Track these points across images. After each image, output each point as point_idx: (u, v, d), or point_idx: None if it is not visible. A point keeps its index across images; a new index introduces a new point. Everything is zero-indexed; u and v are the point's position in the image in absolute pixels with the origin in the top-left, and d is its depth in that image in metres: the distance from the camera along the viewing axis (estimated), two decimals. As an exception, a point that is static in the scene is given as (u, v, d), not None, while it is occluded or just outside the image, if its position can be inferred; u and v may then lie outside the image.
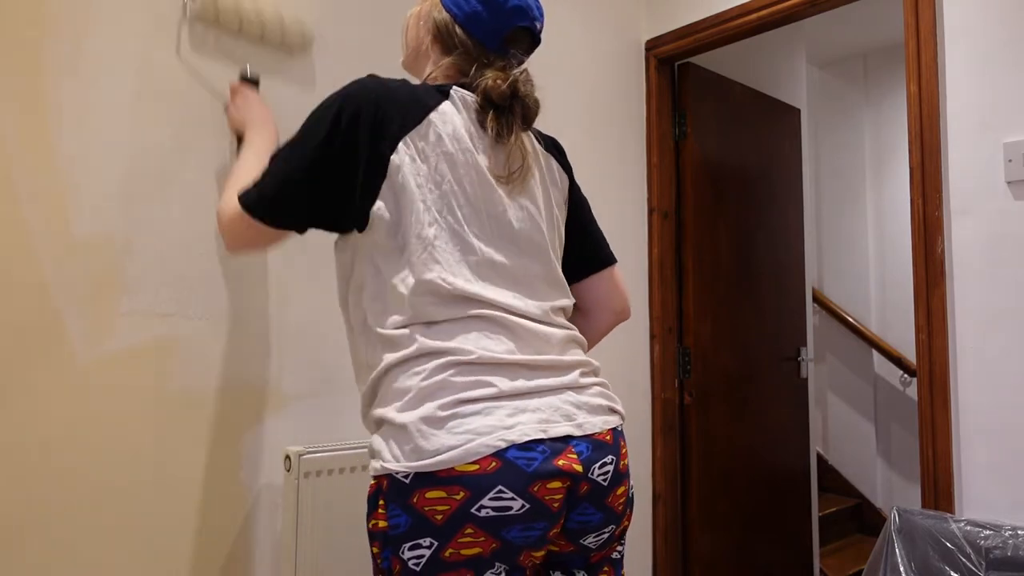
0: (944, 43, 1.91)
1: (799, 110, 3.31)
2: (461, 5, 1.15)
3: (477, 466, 0.95)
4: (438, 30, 1.17)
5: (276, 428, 1.70)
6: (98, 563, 1.46)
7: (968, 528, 1.70)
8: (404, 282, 1.03)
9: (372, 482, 1.02)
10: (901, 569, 1.73)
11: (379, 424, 1.04)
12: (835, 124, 4.48)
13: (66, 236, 1.45)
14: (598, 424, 1.06)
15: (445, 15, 1.16)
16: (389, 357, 1.03)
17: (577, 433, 1.02)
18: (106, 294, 1.49)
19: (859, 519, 4.15)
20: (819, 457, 4.25)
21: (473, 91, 1.11)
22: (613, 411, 1.11)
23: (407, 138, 1.04)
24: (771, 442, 2.99)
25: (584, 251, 1.26)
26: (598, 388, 1.11)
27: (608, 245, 1.29)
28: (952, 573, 1.67)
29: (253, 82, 1.48)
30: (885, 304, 4.24)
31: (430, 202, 1.03)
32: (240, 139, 1.43)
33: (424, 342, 1.01)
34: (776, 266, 3.08)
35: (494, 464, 0.95)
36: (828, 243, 4.48)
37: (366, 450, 1.71)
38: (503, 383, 1.00)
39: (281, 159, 1.08)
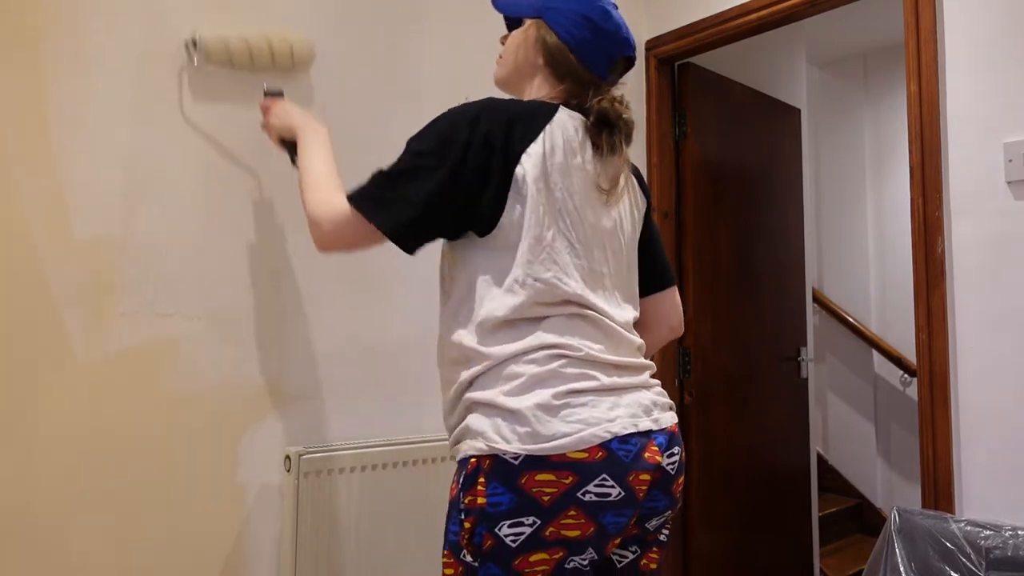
0: (944, 43, 1.91)
1: (799, 110, 3.30)
2: (574, 33, 1.19)
3: (586, 454, 1.03)
4: (551, 54, 1.21)
5: (276, 428, 1.70)
6: (97, 562, 1.46)
7: (968, 528, 1.70)
8: (521, 280, 1.10)
9: (472, 460, 1.06)
10: (901, 569, 1.73)
11: (472, 407, 1.10)
12: (835, 124, 4.48)
13: (66, 236, 1.45)
14: (668, 419, 1.16)
15: (559, 41, 1.20)
16: (499, 349, 1.09)
17: (655, 428, 1.12)
18: (106, 294, 1.49)
19: (859, 519, 4.15)
20: (819, 457, 4.24)
21: (585, 111, 1.19)
22: (671, 408, 1.21)
23: (529, 150, 1.11)
24: (771, 442, 2.99)
25: (651, 271, 1.34)
26: (659, 388, 1.21)
27: (671, 268, 1.40)
28: (952, 573, 1.67)
29: (277, 94, 1.48)
30: (885, 304, 4.24)
31: (545, 208, 1.11)
32: (287, 144, 1.42)
33: (540, 335, 1.09)
34: (776, 266, 3.08)
35: (601, 454, 1.04)
36: (828, 243, 4.48)
37: (366, 450, 1.72)
38: (603, 378, 1.09)
39: (413, 179, 1.10)
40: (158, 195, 1.57)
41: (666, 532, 1.21)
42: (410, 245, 1.11)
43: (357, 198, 1.11)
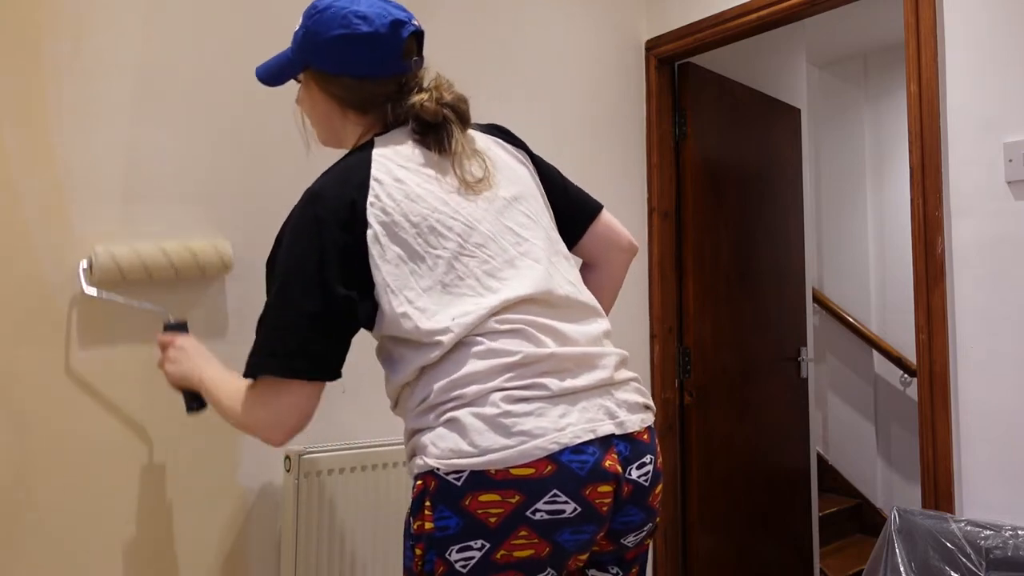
0: (944, 43, 1.91)
1: (799, 110, 3.30)
2: (344, 60, 1.10)
3: (532, 469, 0.94)
4: (340, 97, 1.13)
5: (276, 428, 1.70)
6: (97, 563, 1.46)
7: (968, 528, 1.70)
8: (433, 320, 1.01)
9: (419, 483, 1.00)
10: (901, 569, 1.73)
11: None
12: (835, 124, 4.48)
13: (66, 235, 1.45)
14: (636, 422, 1.04)
15: (335, 77, 1.12)
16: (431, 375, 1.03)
17: (618, 432, 1.01)
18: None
19: (859, 519, 4.15)
20: (819, 457, 4.24)
21: (403, 123, 1.11)
22: (647, 408, 1.10)
23: (368, 207, 1.02)
24: (771, 442, 2.99)
25: (571, 210, 1.25)
26: (634, 384, 1.10)
27: (589, 196, 1.28)
28: (952, 573, 1.67)
29: (179, 327, 1.38)
30: (885, 304, 4.24)
31: (417, 246, 1.03)
32: (185, 391, 1.32)
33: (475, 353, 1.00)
34: (776, 266, 3.08)
35: (550, 467, 0.95)
36: (828, 243, 4.48)
37: (366, 450, 1.72)
38: (553, 384, 0.99)
39: (282, 314, 1.02)
40: (158, 194, 1.57)
41: (646, 545, 1.14)
42: (337, 371, 1.05)
43: (257, 366, 1.02)
